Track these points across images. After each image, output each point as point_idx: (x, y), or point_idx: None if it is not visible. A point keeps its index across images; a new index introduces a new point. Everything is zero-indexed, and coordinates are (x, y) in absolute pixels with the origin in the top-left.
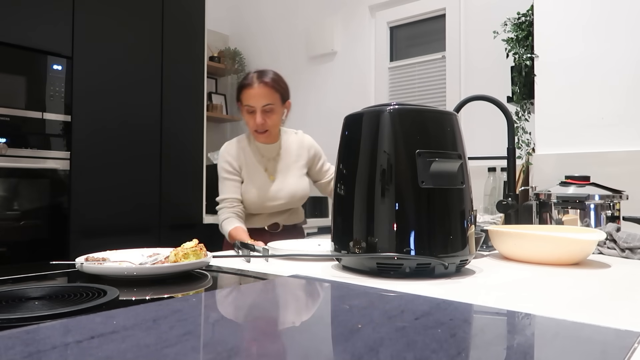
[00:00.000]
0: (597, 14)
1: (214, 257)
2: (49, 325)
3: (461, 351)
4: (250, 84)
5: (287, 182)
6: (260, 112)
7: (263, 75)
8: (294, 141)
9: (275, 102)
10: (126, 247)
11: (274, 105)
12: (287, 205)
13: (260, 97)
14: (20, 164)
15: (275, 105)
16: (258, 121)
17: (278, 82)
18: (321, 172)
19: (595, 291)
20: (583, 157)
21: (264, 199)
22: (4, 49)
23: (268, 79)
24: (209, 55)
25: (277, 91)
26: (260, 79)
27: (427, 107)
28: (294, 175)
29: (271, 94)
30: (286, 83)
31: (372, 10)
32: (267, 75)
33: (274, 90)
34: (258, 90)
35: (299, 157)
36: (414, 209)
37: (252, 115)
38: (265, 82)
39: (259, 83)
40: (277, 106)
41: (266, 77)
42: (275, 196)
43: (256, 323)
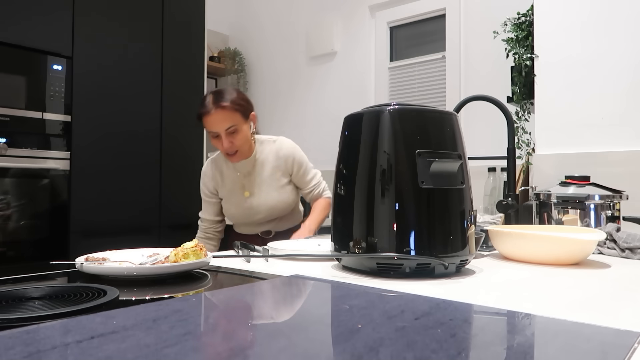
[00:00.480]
0: (596, 14)
1: (214, 257)
2: (49, 325)
3: (461, 351)
4: (208, 111)
5: (265, 196)
6: (225, 136)
7: (219, 99)
8: (271, 151)
9: (238, 122)
10: (126, 247)
11: (236, 126)
12: (271, 217)
13: (220, 122)
14: (20, 164)
15: (238, 124)
16: (225, 145)
17: (235, 102)
18: (302, 181)
19: (595, 291)
20: (583, 157)
21: (244, 215)
22: (4, 49)
23: (225, 102)
24: (209, 55)
25: (237, 110)
26: (217, 103)
27: (427, 107)
28: (272, 188)
29: (231, 115)
30: (245, 97)
31: (372, 10)
32: (223, 97)
33: (233, 110)
34: (216, 115)
35: (276, 168)
36: (414, 209)
37: (219, 140)
38: (223, 105)
39: (216, 108)
40: (241, 124)
41: (222, 100)
42: (255, 211)
43: (256, 323)
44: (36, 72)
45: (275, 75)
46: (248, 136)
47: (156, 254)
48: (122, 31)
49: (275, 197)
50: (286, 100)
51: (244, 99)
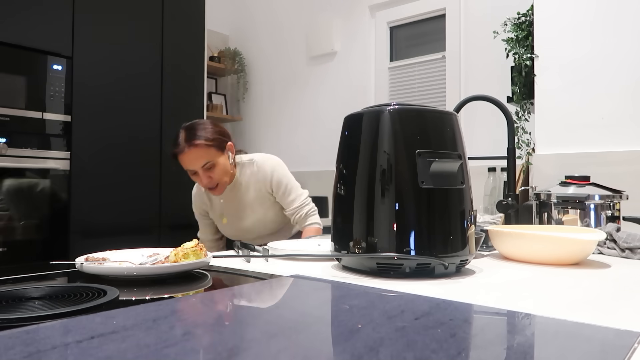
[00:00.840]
0: (597, 14)
1: (214, 257)
2: (49, 325)
3: (461, 351)
4: (181, 150)
5: (247, 220)
6: (202, 172)
7: (191, 136)
8: (250, 174)
9: (213, 157)
10: (126, 247)
11: (212, 161)
12: (265, 232)
13: (195, 160)
14: (20, 164)
15: (214, 159)
16: (204, 182)
17: (208, 138)
18: (284, 202)
19: (595, 291)
20: (583, 157)
21: (234, 235)
22: (4, 49)
23: (197, 140)
24: (209, 55)
25: (211, 147)
26: (189, 142)
27: (427, 107)
28: (256, 209)
29: (205, 152)
30: (220, 129)
31: (372, 10)
32: (196, 134)
33: (207, 147)
34: (189, 154)
35: (258, 191)
36: (414, 209)
37: (197, 177)
38: (195, 144)
39: (189, 147)
40: (217, 158)
41: (195, 138)
42: (244, 232)
43: (256, 323)
44: (36, 72)
45: (275, 75)
46: (227, 168)
47: (156, 254)
48: (122, 31)
49: (261, 215)
50: (286, 100)
51: (219, 132)
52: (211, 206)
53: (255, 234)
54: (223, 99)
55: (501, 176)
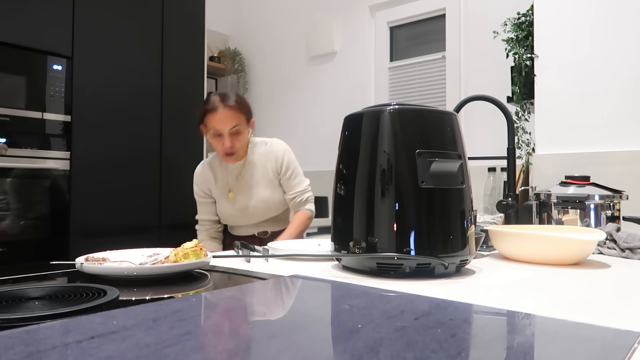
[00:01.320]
0: (597, 14)
1: (214, 257)
2: (49, 325)
3: (461, 351)
4: (215, 108)
5: (253, 198)
6: (227, 136)
7: (226, 99)
8: (262, 153)
9: (241, 123)
10: (126, 247)
11: (240, 127)
12: (262, 217)
13: (226, 120)
14: (20, 164)
15: (241, 126)
16: (227, 145)
17: (242, 104)
18: (288, 184)
19: (595, 291)
20: (583, 157)
21: (233, 215)
22: (4, 49)
23: (232, 102)
24: (209, 55)
25: (242, 112)
26: (225, 103)
27: (427, 107)
28: (260, 189)
29: (237, 116)
30: (248, 103)
31: (372, 10)
32: (231, 98)
33: (239, 112)
34: (224, 114)
35: (265, 169)
36: (414, 209)
37: (220, 139)
38: (230, 105)
39: (224, 107)
40: (243, 127)
41: (230, 101)
42: (242, 214)
43: (256, 323)
44: (36, 72)
45: (275, 75)
46: (246, 140)
47: (156, 254)
48: (123, 31)
49: (263, 197)
50: (286, 100)
51: (248, 105)
52: (216, 183)
53: (256, 217)
54: None
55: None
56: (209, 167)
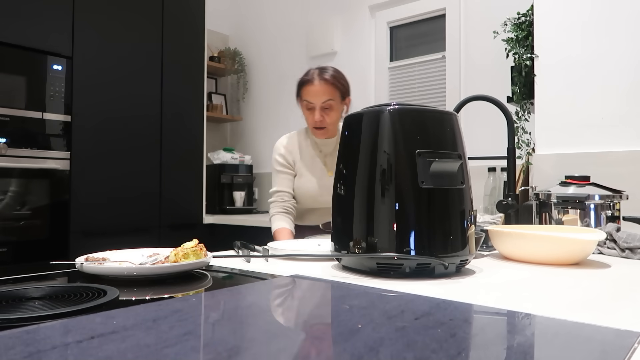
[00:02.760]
0: (597, 14)
1: (214, 257)
2: (49, 325)
3: (461, 351)
4: (310, 80)
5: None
6: (319, 109)
7: (324, 72)
8: None
9: (335, 99)
10: (126, 247)
11: (333, 102)
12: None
13: (320, 93)
14: (20, 164)
15: (335, 101)
16: (317, 118)
17: (338, 79)
18: None
19: (595, 291)
20: (583, 157)
21: (319, 193)
22: (4, 49)
23: (328, 76)
24: (209, 55)
25: (337, 88)
26: (321, 76)
27: (427, 107)
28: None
29: (331, 90)
30: (347, 80)
31: (372, 10)
32: (328, 72)
33: (334, 87)
34: (318, 87)
35: None
36: (414, 209)
37: (311, 112)
38: (326, 78)
39: (320, 80)
40: (337, 103)
41: (326, 74)
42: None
43: (256, 323)
44: (36, 72)
45: (276, 75)
46: (339, 117)
47: (156, 254)
48: (122, 31)
49: None
50: (286, 100)
51: (346, 82)
52: (301, 157)
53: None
54: (223, 99)
55: (501, 176)
56: (293, 139)
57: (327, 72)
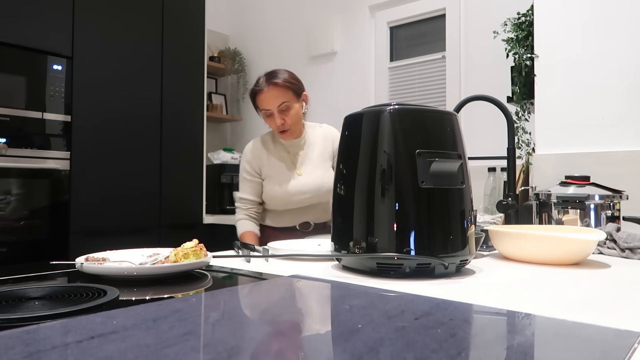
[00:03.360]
0: (597, 14)
1: (214, 257)
2: (49, 325)
3: (461, 351)
4: (261, 89)
5: (312, 175)
6: (277, 113)
7: (272, 77)
8: (319, 134)
9: (290, 99)
10: (126, 247)
11: (288, 103)
12: (314, 199)
13: (272, 98)
14: (20, 164)
15: (290, 102)
16: (277, 123)
17: (287, 80)
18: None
19: (595, 291)
20: (583, 157)
21: (289, 193)
22: (4, 49)
23: (277, 79)
24: (209, 55)
25: (289, 89)
26: (270, 81)
27: (427, 107)
28: (319, 168)
29: (283, 92)
30: (296, 77)
31: (372, 10)
32: (276, 75)
33: (285, 88)
34: (269, 92)
35: (324, 149)
36: (414, 209)
37: (271, 118)
38: (275, 82)
39: (268, 85)
40: (293, 102)
41: (275, 78)
42: (300, 190)
43: (256, 323)
44: (36, 72)
45: None
46: (300, 115)
47: (156, 254)
48: (122, 31)
49: (322, 176)
50: None
51: (296, 80)
52: (269, 162)
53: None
54: (223, 99)
55: (501, 176)
56: (261, 144)
57: (275, 75)
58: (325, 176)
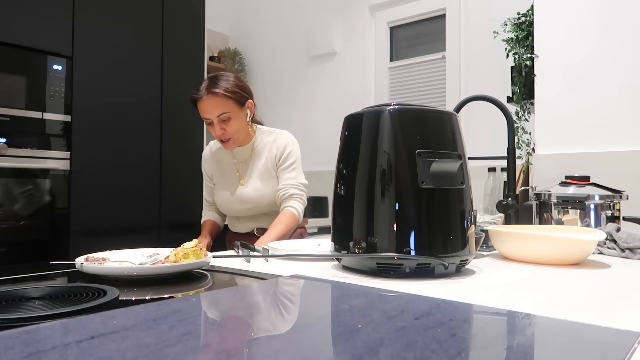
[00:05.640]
0: (597, 14)
1: (214, 257)
2: (49, 325)
3: (461, 351)
4: (200, 97)
5: (252, 187)
6: (217, 123)
7: (212, 85)
8: (268, 142)
9: (231, 109)
10: (126, 247)
11: (229, 113)
12: (259, 210)
13: (212, 108)
14: (20, 164)
15: (232, 112)
16: (218, 133)
17: (229, 89)
18: (282, 175)
19: (595, 291)
20: (583, 157)
21: (231, 202)
22: (4, 49)
23: (217, 89)
24: (209, 55)
25: (230, 98)
26: (209, 89)
27: (427, 107)
28: (260, 180)
29: (223, 102)
30: (241, 85)
31: (372, 10)
32: (217, 83)
33: (225, 98)
34: (208, 101)
35: (267, 159)
36: (414, 209)
37: (212, 127)
38: (215, 92)
39: (208, 94)
40: (234, 112)
41: (215, 87)
42: (241, 199)
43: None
44: (36, 72)
45: (275, 75)
46: (243, 124)
47: (156, 254)
48: (122, 31)
49: (262, 188)
50: (286, 101)
51: (240, 87)
52: (218, 168)
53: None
54: None
55: (501, 176)
56: (214, 149)
57: (216, 84)
58: (266, 189)
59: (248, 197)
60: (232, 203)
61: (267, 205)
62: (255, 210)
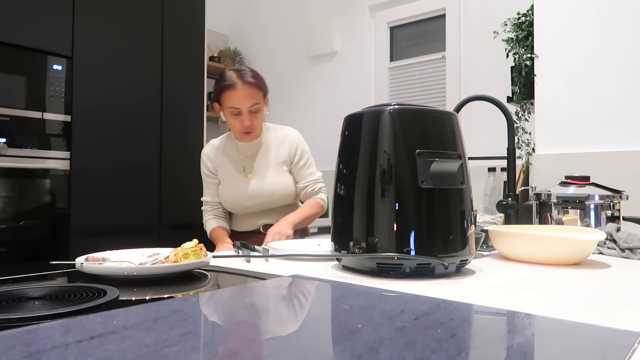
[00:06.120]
0: (597, 14)
1: (214, 257)
2: (49, 325)
3: (461, 351)
4: (232, 85)
5: (265, 181)
6: (247, 113)
7: (244, 75)
8: (276, 137)
9: (260, 101)
10: (126, 247)
11: (259, 105)
12: (269, 205)
13: (246, 97)
14: (20, 164)
15: (261, 103)
16: (246, 123)
17: (259, 80)
18: (300, 174)
19: (595, 291)
20: (583, 157)
21: (241, 198)
22: (4, 49)
23: (250, 78)
24: (209, 55)
25: (261, 89)
26: (243, 79)
27: (427, 107)
28: (273, 173)
29: (256, 93)
30: (263, 78)
31: (372, 10)
32: (247, 73)
33: (258, 88)
34: (243, 91)
35: (278, 154)
36: (414, 209)
37: (238, 117)
38: (249, 81)
39: (243, 83)
40: (262, 104)
41: (248, 76)
42: (253, 195)
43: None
44: (36, 72)
45: (276, 75)
46: (263, 117)
47: (156, 254)
48: (122, 31)
49: (275, 181)
50: (286, 101)
51: (264, 81)
52: (223, 164)
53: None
54: None
55: (501, 176)
56: (217, 146)
57: (247, 74)
58: (279, 182)
59: (258, 191)
60: (241, 199)
61: (279, 199)
62: (264, 206)
